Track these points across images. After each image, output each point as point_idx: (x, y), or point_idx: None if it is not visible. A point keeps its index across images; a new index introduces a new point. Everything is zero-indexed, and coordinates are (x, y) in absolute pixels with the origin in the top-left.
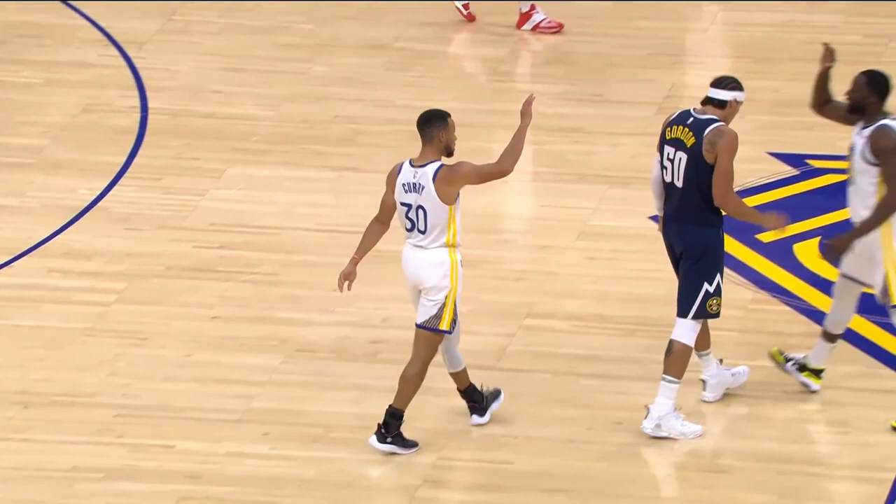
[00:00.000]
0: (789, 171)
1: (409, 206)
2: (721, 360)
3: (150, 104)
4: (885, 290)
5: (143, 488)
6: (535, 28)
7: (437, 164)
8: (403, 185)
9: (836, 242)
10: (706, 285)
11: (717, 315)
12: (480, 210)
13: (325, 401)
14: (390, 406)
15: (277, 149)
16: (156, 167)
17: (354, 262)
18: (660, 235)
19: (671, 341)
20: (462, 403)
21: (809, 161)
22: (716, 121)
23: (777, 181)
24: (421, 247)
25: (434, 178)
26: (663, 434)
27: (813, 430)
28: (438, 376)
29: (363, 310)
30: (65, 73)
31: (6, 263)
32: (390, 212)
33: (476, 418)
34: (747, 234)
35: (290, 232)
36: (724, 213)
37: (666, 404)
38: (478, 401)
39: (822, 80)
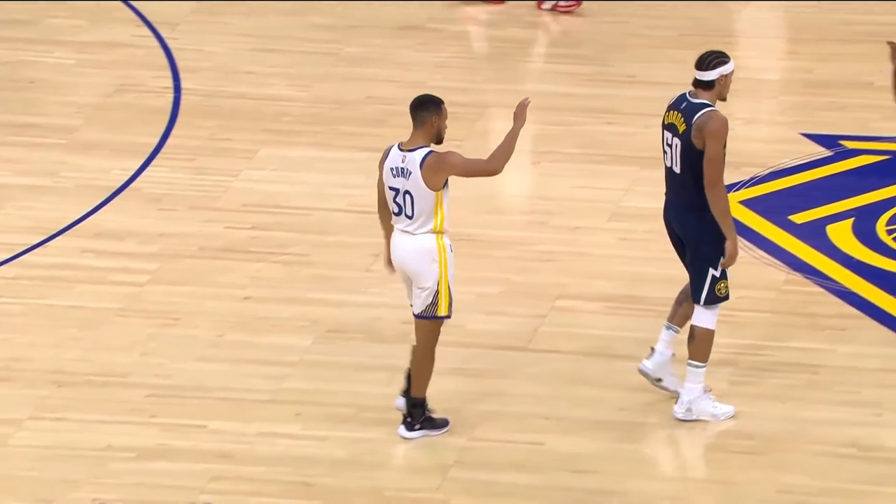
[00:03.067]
0: (823, 152)
1: (396, 190)
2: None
3: (183, 85)
4: None
5: (176, 468)
6: (554, 8)
7: (426, 150)
8: (391, 169)
9: None
10: (711, 270)
11: (726, 297)
12: (512, 191)
13: (357, 381)
14: (410, 397)
15: (309, 129)
16: (189, 148)
17: (387, 246)
18: None
19: (692, 327)
20: (494, 384)
21: (842, 142)
22: (706, 105)
23: (810, 162)
24: (408, 232)
25: (421, 165)
26: (694, 417)
27: (846, 412)
28: (466, 357)
29: (394, 291)
30: (98, 53)
31: (40, 244)
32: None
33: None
34: (780, 216)
35: (321, 213)
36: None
37: (695, 389)
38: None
39: None
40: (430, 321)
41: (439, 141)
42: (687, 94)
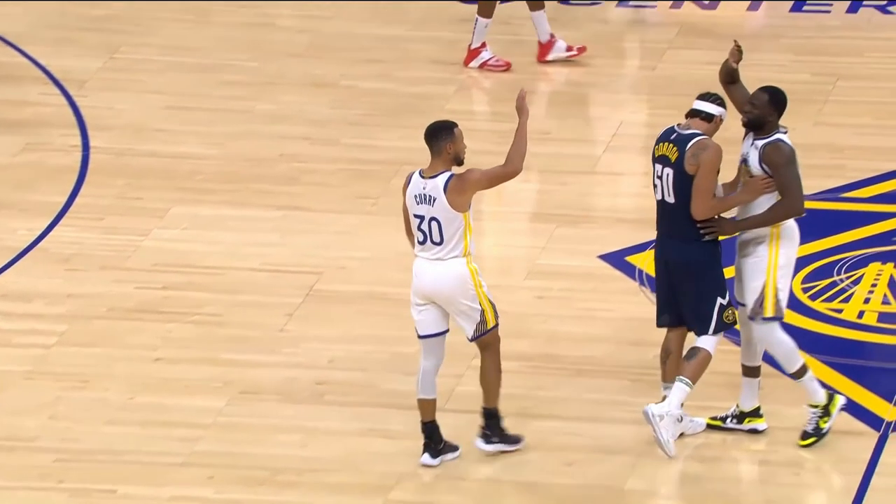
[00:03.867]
0: None
1: (421, 217)
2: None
3: (93, 143)
4: (761, 302)
5: None
6: (482, 66)
7: (447, 174)
8: (415, 196)
9: (726, 224)
10: (719, 299)
11: (735, 323)
12: None
13: (271, 443)
14: (484, 408)
15: (222, 188)
16: (98, 207)
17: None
18: (609, 275)
19: (695, 348)
20: (411, 446)
21: None
22: (699, 134)
23: None
24: (439, 259)
25: (445, 189)
26: (656, 425)
27: (764, 472)
28: (388, 418)
29: (309, 351)
30: (4, 112)
31: None
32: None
33: (427, 458)
34: None
35: (234, 272)
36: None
37: (675, 406)
38: (436, 441)
39: (728, 69)
40: (486, 336)
41: (460, 163)
42: (675, 127)
